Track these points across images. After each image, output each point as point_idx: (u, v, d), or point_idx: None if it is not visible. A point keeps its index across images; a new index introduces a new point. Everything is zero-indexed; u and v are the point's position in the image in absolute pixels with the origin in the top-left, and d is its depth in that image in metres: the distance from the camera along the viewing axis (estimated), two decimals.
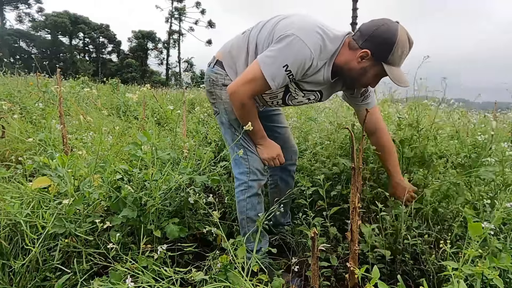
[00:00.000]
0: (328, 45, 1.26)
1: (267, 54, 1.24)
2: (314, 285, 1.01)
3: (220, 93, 1.43)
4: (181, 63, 40.61)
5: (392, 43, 1.19)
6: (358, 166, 1.09)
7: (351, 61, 1.27)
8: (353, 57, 1.26)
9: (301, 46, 1.20)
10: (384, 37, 1.20)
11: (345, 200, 1.68)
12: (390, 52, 1.20)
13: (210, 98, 1.50)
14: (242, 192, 1.47)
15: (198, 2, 37.96)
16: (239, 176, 1.48)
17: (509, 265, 0.95)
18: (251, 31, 1.41)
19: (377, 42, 1.21)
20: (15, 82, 5.44)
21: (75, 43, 41.12)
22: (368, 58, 1.24)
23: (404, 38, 1.21)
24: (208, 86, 1.47)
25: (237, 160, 1.47)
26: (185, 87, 5.09)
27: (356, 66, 1.27)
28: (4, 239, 1.20)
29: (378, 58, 1.23)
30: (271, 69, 1.23)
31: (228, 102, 1.41)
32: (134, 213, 1.33)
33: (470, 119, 1.82)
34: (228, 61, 1.43)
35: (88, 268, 1.21)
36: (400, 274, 1.25)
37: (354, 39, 1.27)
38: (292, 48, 1.21)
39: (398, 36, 1.19)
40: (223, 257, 1.12)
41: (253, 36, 1.38)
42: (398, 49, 1.20)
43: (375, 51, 1.22)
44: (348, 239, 1.07)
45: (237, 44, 1.43)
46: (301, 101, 1.48)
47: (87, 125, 2.84)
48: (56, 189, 1.27)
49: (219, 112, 1.47)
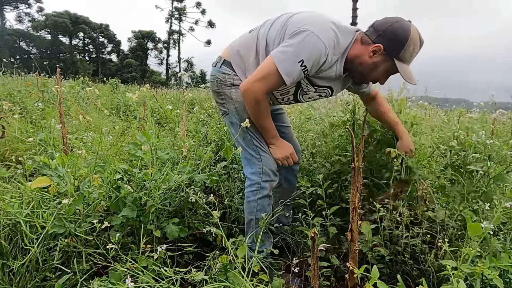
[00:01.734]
0: (341, 40, 1.26)
1: (281, 50, 1.23)
2: (314, 285, 1.01)
3: (230, 93, 1.41)
4: (181, 63, 40.63)
5: (405, 39, 1.21)
6: (358, 166, 1.09)
7: (363, 55, 1.28)
8: (365, 52, 1.27)
9: (316, 41, 1.20)
10: (397, 33, 1.22)
11: (343, 200, 1.68)
12: (403, 48, 1.22)
13: (217, 98, 1.47)
14: (253, 192, 1.45)
15: (198, 3, 37.99)
16: (251, 176, 1.46)
17: (508, 265, 0.95)
18: (259, 29, 1.40)
19: (390, 37, 1.23)
20: (15, 82, 5.44)
21: (75, 43, 41.16)
22: (380, 53, 1.25)
23: (416, 36, 1.23)
24: (215, 86, 1.44)
25: (250, 160, 1.45)
26: (185, 87, 5.09)
27: (368, 61, 1.28)
28: (4, 239, 1.20)
29: (390, 53, 1.25)
30: (286, 64, 1.22)
31: (239, 101, 1.39)
32: (134, 213, 1.33)
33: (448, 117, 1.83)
34: (236, 60, 1.41)
35: (88, 268, 1.21)
36: (400, 274, 1.25)
37: (366, 34, 1.28)
38: (307, 43, 1.20)
39: (411, 33, 1.21)
40: (223, 257, 1.12)
41: (262, 34, 1.37)
42: (410, 46, 1.22)
43: (388, 46, 1.24)
44: (348, 239, 1.07)
45: (245, 43, 1.41)
46: (312, 97, 1.47)
47: (87, 125, 2.84)
48: (56, 189, 1.27)
49: (229, 112, 1.45)
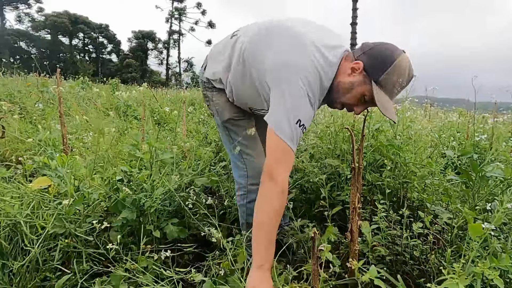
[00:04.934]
0: (325, 81, 1.14)
1: (277, 119, 1.09)
2: (314, 285, 1.00)
3: (212, 95, 1.40)
4: (181, 63, 40.63)
5: (389, 62, 1.06)
6: (358, 166, 1.09)
7: (343, 73, 1.15)
8: (346, 69, 1.14)
9: (303, 98, 1.08)
10: (382, 54, 1.08)
11: (342, 200, 1.68)
12: (384, 72, 1.06)
13: (204, 99, 1.48)
14: (241, 197, 1.45)
15: (199, 3, 37.96)
16: (238, 179, 1.45)
17: (509, 265, 0.95)
18: (239, 37, 1.29)
19: (373, 57, 1.09)
20: (15, 82, 5.44)
21: (75, 43, 41.15)
22: (359, 72, 1.11)
23: (405, 65, 1.08)
24: (202, 88, 1.45)
25: (235, 163, 1.44)
26: (185, 87, 5.09)
27: (345, 80, 1.14)
28: (4, 239, 1.20)
29: (369, 74, 1.09)
30: (289, 132, 1.08)
31: (219, 103, 1.37)
32: (133, 214, 1.33)
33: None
34: (212, 64, 1.38)
35: (88, 268, 1.21)
36: (400, 274, 1.25)
37: (353, 52, 1.17)
38: (300, 101, 1.08)
39: (397, 59, 1.07)
40: (225, 264, 1.12)
41: (240, 44, 1.26)
42: (394, 73, 1.07)
43: (368, 66, 1.09)
44: (348, 239, 1.07)
45: (223, 47, 1.35)
46: None
47: (87, 125, 2.84)
48: (56, 190, 1.27)
49: (213, 114, 1.45)
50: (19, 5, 36.28)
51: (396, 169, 1.62)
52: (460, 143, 1.66)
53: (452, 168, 1.99)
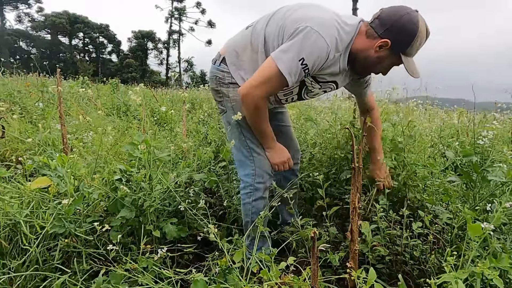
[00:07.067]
0: (344, 36, 1.22)
1: (282, 49, 1.19)
2: (314, 285, 1.00)
3: (227, 91, 1.38)
4: (181, 63, 40.62)
5: (414, 35, 1.17)
6: (358, 166, 1.09)
7: (368, 49, 1.24)
8: (370, 46, 1.23)
9: (317, 39, 1.15)
10: (405, 28, 1.17)
11: (342, 199, 1.68)
12: (410, 44, 1.18)
13: (216, 96, 1.45)
14: (247, 195, 1.44)
15: (198, 2, 37.97)
16: (244, 178, 1.45)
17: (508, 265, 0.95)
18: (256, 25, 1.35)
19: (399, 33, 1.18)
20: (15, 82, 5.44)
21: (74, 43, 41.17)
22: (386, 48, 1.21)
23: (424, 29, 1.18)
24: (214, 84, 1.41)
25: (243, 161, 1.43)
26: (185, 87, 5.09)
27: (373, 55, 1.24)
28: (4, 239, 1.20)
29: (397, 49, 1.21)
30: (288, 64, 1.17)
31: (237, 100, 1.36)
32: (132, 213, 1.33)
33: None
34: (231, 58, 1.36)
35: (88, 268, 1.21)
36: (400, 274, 1.25)
37: (372, 27, 1.23)
38: (308, 42, 1.16)
39: (419, 27, 1.16)
40: (222, 261, 1.11)
41: (259, 30, 1.32)
42: (417, 40, 1.18)
43: (395, 42, 1.19)
44: (348, 239, 1.07)
45: (241, 40, 1.37)
46: (317, 93, 1.44)
47: (87, 125, 2.84)
48: (55, 189, 1.27)
49: (226, 110, 1.42)
50: (19, 5, 36.29)
51: (397, 169, 1.61)
52: (461, 143, 1.66)
53: (452, 168, 1.99)
